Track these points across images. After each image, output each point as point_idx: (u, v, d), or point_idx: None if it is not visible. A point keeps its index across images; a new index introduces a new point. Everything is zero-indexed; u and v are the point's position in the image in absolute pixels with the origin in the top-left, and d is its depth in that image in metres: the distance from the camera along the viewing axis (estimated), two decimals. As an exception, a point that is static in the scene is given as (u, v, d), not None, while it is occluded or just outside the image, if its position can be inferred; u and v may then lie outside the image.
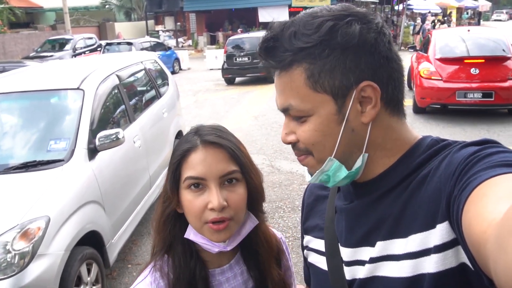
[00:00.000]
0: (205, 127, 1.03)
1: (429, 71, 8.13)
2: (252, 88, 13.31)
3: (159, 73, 5.75)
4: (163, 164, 4.85)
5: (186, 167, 0.96)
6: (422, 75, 8.20)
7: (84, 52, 18.85)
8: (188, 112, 9.72)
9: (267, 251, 1.08)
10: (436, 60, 8.25)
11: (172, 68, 17.50)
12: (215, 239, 0.95)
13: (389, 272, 0.74)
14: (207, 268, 1.03)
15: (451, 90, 7.79)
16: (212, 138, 0.97)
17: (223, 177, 0.95)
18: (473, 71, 7.72)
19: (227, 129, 1.06)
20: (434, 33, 9.49)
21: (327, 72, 0.74)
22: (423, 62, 8.53)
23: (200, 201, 0.94)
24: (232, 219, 0.95)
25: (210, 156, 0.95)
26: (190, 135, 1.01)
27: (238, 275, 1.05)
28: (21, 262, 2.48)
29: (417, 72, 8.53)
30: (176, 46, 27.05)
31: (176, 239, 1.02)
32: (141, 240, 4.27)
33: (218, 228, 0.93)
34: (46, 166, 3.07)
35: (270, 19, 24.71)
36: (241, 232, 1.01)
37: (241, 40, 14.85)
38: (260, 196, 1.05)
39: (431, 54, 8.43)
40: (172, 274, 1.00)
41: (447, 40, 8.70)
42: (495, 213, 0.52)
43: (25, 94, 3.69)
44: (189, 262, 1.00)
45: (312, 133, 0.77)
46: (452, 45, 8.46)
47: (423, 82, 8.17)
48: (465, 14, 40.20)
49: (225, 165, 0.95)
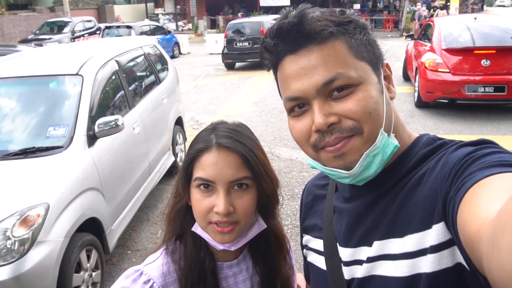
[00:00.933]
0: (223, 126, 1.01)
1: (435, 62, 7.42)
2: (253, 73, 13.24)
3: (158, 58, 5.70)
4: (162, 150, 4.85)
5: (197, 167, 0.96)
6: (428, 67, 7.46)
7: (83, 35, 18.72)
8: (187, 97, 9.69)
9: (279, 252, 1.08)
10: (443, 50, 7.51)
11: (171, 53, 17.39)
12: (218, 240, 0.95)
13: (386, 272, 0.75)
14: (216, 260, 1.04)
15: (460, 84, 7.12)
16: (226, 141, 0.95)
17: (232, 182, 0.94)
18: (484, 62, 7.07)
19: (247, 129, 1.03)
20: (436, 21, 8.72)
21: (362, 45, 0.77)
22: (427, 53, 7.83)
23: (207, 202, 0.94)
24: (238, 223, 0.95)
25: (222, 159, 0.94)
26: (207, 133, 0.99)
27: (244, 270, 1.07)
28: (21, 248, 2.50)
29: (420, 63, 7.85)
30: (176, 30, 26.85)
31: (187, 230, 1.03)
32: (140, 226, 4.29)
33: (222, 231, 0.94)
34: (45, 152, 3.06)
35: (272, 3, 24.54)
36: (247, 235, 1.01)
37: (242, 24, 14.71)
38: (272, 203, 1.04)
39: (436, 44, 7.72)
40: (183, 262, 1.01)
41: (453, 28, 7.93)
42: (489, 211, 0.52)
43: (24, 80, 3.67)
44: (199, 253, 1.01)
45: (368, 100, 0.74)
46: (459, 34, 7.72)
47: (428, 75, 7.45)
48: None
49: (236, 170, 0.94)
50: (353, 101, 0.73)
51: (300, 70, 0.75)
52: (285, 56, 0.77)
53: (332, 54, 0.74)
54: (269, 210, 1.05)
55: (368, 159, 0.75)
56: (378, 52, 0.80)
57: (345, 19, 0.77)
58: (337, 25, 0.75)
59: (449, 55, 7.45)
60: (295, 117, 0.79)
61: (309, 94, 0.74)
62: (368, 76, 0.76)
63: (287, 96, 0.78)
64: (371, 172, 0.77)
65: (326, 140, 0.75)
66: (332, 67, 0.73)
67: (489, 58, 7.11)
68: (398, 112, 0.84)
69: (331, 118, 0.74)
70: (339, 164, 0.76)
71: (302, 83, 0.75)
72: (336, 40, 0.74)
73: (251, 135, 1.02)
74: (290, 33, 0.75)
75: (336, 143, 0.75)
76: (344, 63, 0.74)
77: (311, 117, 0.76)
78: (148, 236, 4.10)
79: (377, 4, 27.47)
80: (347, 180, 0.79)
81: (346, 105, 0.74)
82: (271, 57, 0.80)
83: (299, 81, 0.75)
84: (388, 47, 16.65)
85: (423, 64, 7.66)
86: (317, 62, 0.74)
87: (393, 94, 0.82)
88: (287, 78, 0.77)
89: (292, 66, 0.76)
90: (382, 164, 0.77)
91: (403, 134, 0.83)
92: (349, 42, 0.75)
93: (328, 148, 0.76)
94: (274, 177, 1.02)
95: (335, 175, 0.79)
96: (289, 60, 0.76)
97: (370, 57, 0.77)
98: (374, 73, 0.77)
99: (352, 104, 0.73)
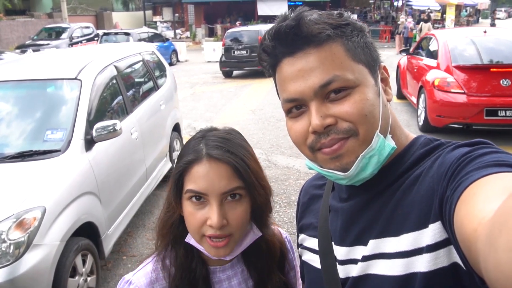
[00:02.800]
0: (213, 134, 0.98)
1: (445, 81, 6.48)
2: (250, 81, 13.28)
3: (157, 64, 5.71)
4: (159, 156, 4.84)
5: (188, 179, 0.93)
6: (437, 86, 6.54)
7: (81, 41, 18.74)
8: (185, 104, 9.69)
9: (269, 259, 1.07)
10: (454, 68, 6.56)
11: (169, 60, 17.43)
12: (213, 254, 0.94)
13: (381, 270, 0.75)
14: (208, 265, 1.03)
15: (478, 107, 6.17)
16: (217, 153, 0.92)
17: (225, 194, 0.92)
18: (503, 82, 6.19)
19: (238, 135, 1.01)
20: (439, 34, 7.78)
21: (359, 48, 0.78)
22: (433, 70, 6.95)
23: (200, 215, 0.92)
24: (232, 235, 0.93)
25: (213, 171, 0.91)
26: (197, 142, 0.97)
27: (239, 273, 1.06)
28: (16, 252, 2.48)
29: (425, 82, 6.95)
30: (174, 38, 26.93)
31: (179, 241, 1.01)
32: (136, 232, 4.27)
33: (217, 246, 0.92)
34: (42, 156, 3.05)
35: (270, 12, 24.71)
36: (242, 244, 1.00)
37: (240, 33, 14.79)
38: (265, 212, 1.03)
39: (444, 60, 6.81)
40: (174, 269, 1.00)
41: (461, 43, 7.04)
42: (485, 211, 0.52)
43: (22, 83, 3.67)
44: (190, 264, 1.00)
45: (364, 102, 0.75)
46: (469, 49, 6.84)
47: (437, 95, 6.50)
48: (464, 12, 40.20)
49: (228, 181, 0.91)
50: (350, 103, 0.74)
51: (298, 72, 0.76)
52: (283, 58, 0.78)
53: (330, 56, 0.75)
54: (262, 219, 1.03)
55: (364, 161, 0.76)
56: (375, 55, 0.81)
57: (342, 22, 0.77)
58: (335, 27, 0.76)
59: (462, 74, 6.51)
60: (292, 118, 0.80)
61: (307, 95, 0.75)
62: (365, 79, 0.76)
63: (285, 98, 0.79)
64: (367, 173, 0.77)
65: (322, 142, 0.76)
66: (329, 70, 0.74)
67: (508, 77, 6.24)
68: (395, 114, 0.85)
69: (328, 119, 0.75)
70: (335, 165, 0.77)
71: (300, 85, 0.75)
72: (333, 42, 0.75)
73: (242, 142, 0.99)
74: (288, 36, 0.76)
75: (332, 145, 0.75)
76: (341, 65, 0.75)
77: (308, 118, 0.76)
78: (144, 242, 4.08)
79: (373, 15, 27.71)
80: (344, 181, 0.80)
81: (343, 107, 0.74)
82: (269, 59, 0.81)
83: (297, 83, 0.76)
84: (385, 57, 16.48)
85: (429, 83, 6.76)
86: (315, 64, 0.75)
87: (390, 96, 0.83)
88: (285, 80, 0.78)
89: (290, 68, 0.77)
90: (378, 165, 0.77)
91: (400, 135, 0.83)
92: (347, 44, 0.76)
93: (325, 150, 0.76)
94: (267, 186, 1.00)
95: (332, 177, 0.80)
96: (287, 62, 0.77)
97: (367, 59, 0.78)
98: (371, 75, 0.78)
99: (348, 106, 0.74)
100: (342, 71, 0.74)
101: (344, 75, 0.74)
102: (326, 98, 0.75)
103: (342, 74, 0.74)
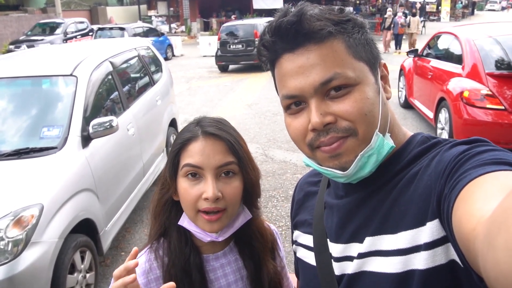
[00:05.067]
0: (207, 119, 1.05)
1: (479, 94, 4.93)
2: (246, 76, 13.24)
3: (152, 59, 5.69)
4: (156, 152, 4.84)
5: (185, 155, 0.99)
6: (467, 100, 5.00)
7: (76, 36, 18.61)
8: (181, 99, 9.66)
9: (262, 245, 1.10)
10: (488, 76, 4.98)
11: (165, 55, 17.34)
12: (207, 229, 0.98)
13: (377, 268, 0.75)
14: (202, 253, 1.05)
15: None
16: (212, 129, 0.99)
17: (220, 168, 0.97)
18: None
19: (229, 123, 1.07)
20: (460, 32, 6.20)
21: (360, 45, 0.77)
22: (459, 79, 5.44)
23: (195, 190, 0.97)
24: (225, 210, 0.98)
25: (209, 146, 0.98)
26: (192, 125, 1.04)
27: (232, 262, 1.08)
28: (15, 249, 2.48)
29: (447, 92, 5.49)
30: (169, 32, 26.78)
31: (172, 225, 1.05)
32: (134, 228, 4.27)
33: (211, 219, 0.96)
34: (39, 153, 3.04)
35: (265, 6, 24.60)
36: (234, 225, 1.04)
37: (235, 27, 14.72)
38: (256, 191, 1.07)
39: (472, 66, 5.29)
40: (167, 258, 1.02)
41: (493, 44, 5.43)
42: (484, 210, 0.52)
43: (17, 80, 3.64)
44: (183, 248, 1.03)
45: (365, 101, 0.74)
46: (504, 52, 5.27)
47: (468, 112, 4.99)
48: (459, 4, 40.20)
49: (223, 156, 0.98)
50: (350, 102, 0.74)
51: (298, 69, 0.75)
52: (283, 54, 0.77)
53: (331, 53, 0.74)
54: (253, 200, 1.08)
55: (363, 160, 0.76)
56: (375, 52, 0.80)
57: (343, 18, 0.77)
58: (336, 24, 0.75)
59: (499, 84, 4.92)
60: (291, 114, 0.79)
61: (307, 92, 0.75)
62: (365, 76, 0.76)
63: (284, 94, 0.78)
64: (365, 172, 0.77)
65: (321, 140, 0.75)
66: (330, 67, 0.73)
67: None
68: (393, 111, 0.85)
69: (328, 117, 0.74)
70: (334, 164, 0.77)
71: (300, 82, 0.75)
72: (334, 39, 0.75)
73: (233, 128, 1.06)
74: (289, 32, 0.75)
75: (331, 143, 0.75)
76: (342, 63, 0.74)
77: (308, 115, 0.76)
78: (142, 238, 4.08)
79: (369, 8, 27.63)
80: (342, 180, 0.80)
81: (343, 106, 0.74)
82: (269, 54, 0.80)
83: (297, 80, 0.75)
84: (380, 51, 16.68)
85: (454, 95, 5.29)
86: (315, 61, 0.74)
87: (389, 94, 0.83)
88: (284, 76, 0.77)
89: (290, 64, 0.76)
90: (376, 164, 0.77)
91: (398, 133, 0.83)
92: (348, 41, 0.76)
93: (324, 148, 0.76)
94: (256, 167, 1.06)
95: (330, 175, 0.80)
96: (287, 58, 0.76)
97: (368, 57, 0.78)
98: (372, 73, 0.78)
99: (348, 105, 0.74)
100: (343, 69, 0.74)
101: (345, 72, 0.74)
102: (326, 95, 0.75)
103: (343, 72, 0.74)
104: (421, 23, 17.30)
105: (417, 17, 17.47)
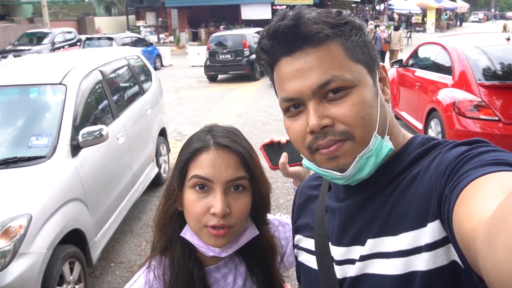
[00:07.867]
0: (219, 128, 1.01)
1: (471, 104, 4.90)
2: (235, 85, 13.27)
3: (142, 69, 5.67)
4: (146, 161, 4.80)
5: (194, 166, 0.94)
6: (460, 110, 4.94)
7: (63, 46, 18.48)
8: (170, 109, 9.63)
9: (273, 258, 1.07)
10: (479, 86, 4.94)
11: (153, 65, 17.31)
12: (212, 243, 0.94)
13: (379, 270, 0.74)
14: (204, 266, 1.02)
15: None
16: (225, 141, 0.95)
17: (230, 182, 0.93)
18: None
19: (241, 133, 1.04)
20: (447, 43, 6.11)
21: (358, 47, 0.77)
22: (449, 89, 5.36)
23: (202, 203, 0.92)
24: (232, 227, 0.94)
25: (220, 159, 0.93)
26: (203, 134, 0.98)
27: (233, 269, 1.05)
28: (2, 261, 2.42)
29: (437, 102, 5.44)
30: (157, 42, 26.79)
31: (176, 237, 1.00)
32: (124, 238, 4.21)
33: (218, 234, 0.92)
34: (27, 162, 2.99)
35: (253, 16, 24.78)
36: (239, 241, 1.00)
37: (224, 37, 14.78)
38: (265, 207, 1.03)
39: (463, 76, 5.26)
40: (169, 274, 0.98)
41: (483, 54, 5.40)
42: (484, 211, 0.52)
43: (5, 89, 3.60)
44: (187, 262, 0.99)
45: (362, 104, 0.74)
46: (496, 62, 5.24)
47: (460, 123, 4.93)
48: (444, 15, 40.98)
49: (234, 170, 0.93)
50: (348, 105, 0.74)
51: (296, 72, 0.75)
52: (281, 57, 0.78)
53: (328, 56, 0.74)
54: (261, 216, 1.04)
55: (361, 162, 0.76)
56: (373, 54, 0.80)
57: (341, 21, 0.77)
58: (333, 27, 0.76)
59: (491, 94, 4.89)
60: (291, 117, 0.79)
61: (305, 95, 0.75)
62: (363, 79, 0.76)
63: (282, 97, 0.79)
64: (364, 173, 0.77)
65: (319, 143, 0.76)
66: (327, 70, 0.74)
67: None
68: (392, 118, 0.85)
69: (325, 120, 0.74)
70: (332, 166, 0.77)
71: (298, 85, 0.75)
72: (332, 42, 0.75)
73: (245, 139, 1.02)
74: (286, 35, 0.75)
75: (329, 146, 0.75)
76: (340, 65, 0.74)
77: (306, 118, 0.76)
78: (132, 248, 4.03)
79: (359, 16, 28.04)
80: (341, 181, 0.80)
81: (341, 109, 0.74)
82: (268, 58, 0.80)
83: (295, 83, 0.76)
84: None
85: (445, 105, 5.20)
86: (313, 64, 0.74)
87: (387, 96, 0.83)
88: (283, 79, 0.78)
89: (288, 67, 0.76)
90: (375, 166, 0.77)
91: (398, 135, 0.84)
92: (345, 44, 0.76)
93: (322, 151, 0.76)
94: (267, 181, 1.02)
95: (329, 176, 0.80)
96: (285, 62, 0.77)
97: (365, 59, 0.78)
98: (370, 75, 0.78)
99: (345, 108, 0.74)
100: (340, 71, 0.74)
101: (342, 75, 0.74)
102: (324, 98, 0.75)
103: (341, 74, 0.74)
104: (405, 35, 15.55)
105: (400, 31, 15.13)
